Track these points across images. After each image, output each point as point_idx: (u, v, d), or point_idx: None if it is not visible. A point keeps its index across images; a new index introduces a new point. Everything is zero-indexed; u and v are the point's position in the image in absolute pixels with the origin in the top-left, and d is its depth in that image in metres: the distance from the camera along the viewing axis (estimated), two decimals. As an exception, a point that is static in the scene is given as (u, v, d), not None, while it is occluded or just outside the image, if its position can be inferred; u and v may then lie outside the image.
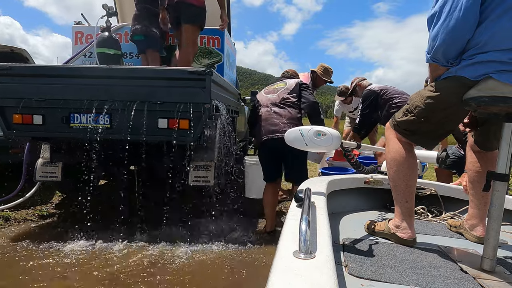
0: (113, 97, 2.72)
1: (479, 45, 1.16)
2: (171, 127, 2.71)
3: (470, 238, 1.57)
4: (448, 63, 1.27)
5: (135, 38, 3.68)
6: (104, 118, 2.76)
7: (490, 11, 1.14)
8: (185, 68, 2.79)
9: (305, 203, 1.01)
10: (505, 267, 1.23)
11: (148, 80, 2.76)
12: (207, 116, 2.70)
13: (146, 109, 2.68)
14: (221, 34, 3.91)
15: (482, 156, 1.55)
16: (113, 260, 2.51)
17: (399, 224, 1.46)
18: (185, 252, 2.69)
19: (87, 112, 2.74)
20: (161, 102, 2.70)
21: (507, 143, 1.16)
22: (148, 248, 2.73)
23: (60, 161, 3.12)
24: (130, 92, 2.74)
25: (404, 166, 1.44)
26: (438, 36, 1.23)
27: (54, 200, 4.05)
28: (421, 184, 2.15)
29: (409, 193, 1.45)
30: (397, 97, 3.61)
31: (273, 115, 2.95)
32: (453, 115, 1.34)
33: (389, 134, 1.55)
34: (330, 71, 4.23)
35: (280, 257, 0.74)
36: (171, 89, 2.73)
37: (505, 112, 1.16)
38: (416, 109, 1.38)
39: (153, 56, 3.60)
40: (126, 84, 2.77)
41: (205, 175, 3.03)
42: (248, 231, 3.23)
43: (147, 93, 2.72)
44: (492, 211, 1.17)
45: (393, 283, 1.07)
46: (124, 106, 2.69)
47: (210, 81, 2.68)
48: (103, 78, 2.77)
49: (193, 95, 2.69)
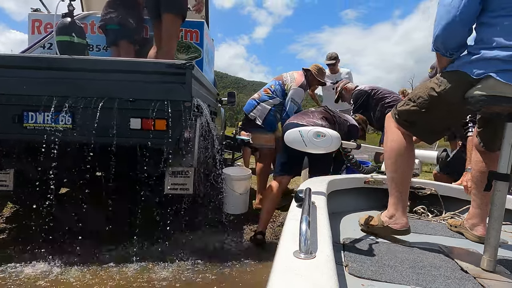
0: (76, 92, 2.34)
1: (485, 40, 1.15)
2: (146, 128, 2.37)
3: (471, 238, 1.58)
4: (448, 53, 1.28)
5: (108, 27, 3.26)
6: (65, 117, 2.36)
7: (497, 7, 1.14)
8: (162, 61, 2.45)
9: (305, 203, 1.00)
10: (506, 267, 1.24)
11: (118, 74, 2.40)
12: (187, 115, 2.39)
13: (116, 107, 2.33)
14: (200, 27, 3.59)
15: (486, 156, 1.53)
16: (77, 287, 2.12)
17: (392, 214, 1.47)
18: (166, 270, 2.34)
19: (44, 110, 2.33)
20: (134, 100, 2.35)
21: (509, 143, 1.16)
22: (120, 269, 2.35)
23: (12, 167, 2.65)
24: (96, 87, 2.37)
25: (402, 157, 1.44)
26: (438, 25, 1.24)
27: (4, 213, 3.48)
28: (421, 184, 2.17)
29: (404, 186, 1.46)
30: (389, 96, 3.52)
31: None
32: (455, 112, 1.34)
33: (389, 124, 1.53)
34: (324, 72, 4.02)
35: (281, 257, 0.75)
36: (145, 85, 2.39)
37: (508, 112, 1.16)
38: (419, 99, 1.37)
39: (126, 48, 3.20)
40: (92, 77, 2.38)
41: (183, 182, 2.70)
42: (236, 239, 2.95)
43: (117, 88, 2.37)
44: (493, 210, 1.18)
45: (393, 283, 1.08)
46: (89, 103, 2.31)
47: (191, 76, 2.37)
48: (64, 70, 2.37)
49: (171, 91, 2.37)
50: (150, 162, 2.56)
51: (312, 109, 3.00)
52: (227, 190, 3.35)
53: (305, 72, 3.89)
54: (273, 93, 3.76)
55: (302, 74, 3.83)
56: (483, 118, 1.51)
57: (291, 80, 3.74)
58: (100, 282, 2.18)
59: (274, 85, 3.79)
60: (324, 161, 2.69)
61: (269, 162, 3.94)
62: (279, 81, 3.80)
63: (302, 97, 3.75)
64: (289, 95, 3.65)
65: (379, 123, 3.70)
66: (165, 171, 2.63)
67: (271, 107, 3.70)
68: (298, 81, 3.71)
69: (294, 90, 3.66)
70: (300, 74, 3.81)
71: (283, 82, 3.77)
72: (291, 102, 3.63)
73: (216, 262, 2.49)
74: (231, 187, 3.29)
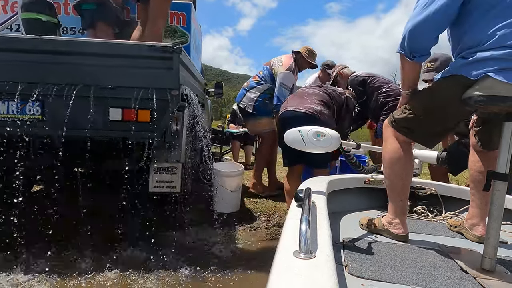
0: (46, 78, 2.04)
1: (478, 44, 1.17)
2: (127, 120, 2.11)
3: (471, 238, 1.58)
4: (411, 55, 1.32)
5: (84, 7, 2.93)
6: (34, 107, 2.07)
7: (484, 12, 1.16)
8: (146, 43, 2.16)
9: (305, 203, 1.00)
10: (505, 267, 1.25)
11: (96, 58, 2.10)
12: (174, 105, 2.13)
13: (93, 96, 2.05)
14: (187, 10, 3.28)
15: (484, 155, 1.55)
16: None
17: (392, 221, 1.50)
18: (149, 278, 2.09)
19: (8, 99, 2.02)
20: (113, 87, 2.08)
21: (507, 142, 1.16)
22: (98, 278, 2.07)
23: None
24: (70, 73, 2.07)
25: (401, 166, 1.46)
26: (408, 24, 1.27)
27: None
28: (421, 184, 2.17)
29: (404, 192, 1.48)
30: (385, 86, 3.38)
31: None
32: (452, 114, 1.34)
33: (387, 133, 1.54)
34: (314, 54, 3.83)
35: (280, 257, 0.75)
36: (127, 70, 2.11)
37: (506, 112, 1.16)
38: (415, 107, 1.40)
39: (105, 31, 2.86)
40: (64, 61, 2.08)
41: (170, 179, 2.43)
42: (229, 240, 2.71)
43: (94, 74, 2.08)
44: (492, 210, 1.18)
45: (393, 283, 1.08)
46: (61, 91, 2.02)
47: (178, 60, 2.11)
48: (32, 52, 2.06)
49: (156, 78, 2.11)
50: (132, 158, 2.30)
51: (308, 90, 2.80)
52: (217, 187, 3.12)
53: (295, 54, 3.75)
54: (261, 79, 3.67)
55: (290, 57, 3.70)
56: (481, 118, 1.52)
57: (278, 64, 3.61)
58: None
59: (263, 71, 3.70)
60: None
61: (271, 145, 3.82)
62: (267, 66, 3.69)
63: (292, 80, 3.59)
64: (278, 80, 3.52)
65: (374, 113, 3.57)
66: (149, 168, 2.37)
67: (259, 94, 3.62)
68: (285, 64, 3.57)
69: (282, 74, 3.51)
70: (288, 57, 3.68)
71: (271, 66, 3.66)
72: (281, 86, 3.49)
73: (208, 266, 2.26)
74: (222, 184, 3.06)
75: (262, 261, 2.33)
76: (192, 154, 3.05)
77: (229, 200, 3.11)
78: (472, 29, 1.19)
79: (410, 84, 1.46)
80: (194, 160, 3.13)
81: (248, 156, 6.22)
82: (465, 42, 1.22)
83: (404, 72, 1.44)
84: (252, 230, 2.92)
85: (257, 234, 2.87)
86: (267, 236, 2.80)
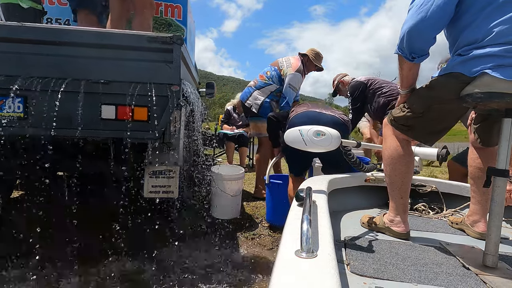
0: (28, 71, 1.81)
1: (475, 41, 1.17)
2: (122, 118, 1.89)
3: (472, 234, 1.59)
4: (410, 56, 1.32)
5: None
6: (15, 104, 1.82)
7: (479, 9, 1.16)
8: (144, 33, 1.95)
9: (306, 202, 0.99)
10: (507, 263, 1.25)
11: (86, 49, 1.88)
12: (174, 102, 1.93)
13: (83, 91, 1.82)
14: (183, 2, 3.07)
15: (483, 152, 1.57)
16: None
17: (393, 219, 1.51)
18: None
19: (-16, 94, 1.78)
20: (106, 82, 1.87)
21: (507, 139, 1.16)
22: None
23: None
24: (56, 65, 1.85)
25: (401, 164, 1.46)
26: (406, 26, 1.27)
27: None
28: (422, 181, 2.18)
29: (405, 190, 1.49)
30: (386, 86, 3.39)
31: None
32: (450, 111, 1.35)
33: (386, 131, 1.54)
34: (321, 56, 3.77)
35: (282, 256, 0.74)
36: (121, 63, 1.91)
37: (505, 108, 1.17)
38: (414, 105, 1.40)
39: (88, 20, 2.58)
40: (50, 52, 1.85)
41: (166, 183, 2.23)
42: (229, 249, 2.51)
43: (84, 67, 1.87)
44: (493, 207, 1.18)
45: (395, 281, 1.08)
46: (47, 85, 1.79)
47: (179, 52, 1.91)
48: (12, 42, 1.82)
49: (154, 72, 1.92)
50: (127, 161, 2.08)
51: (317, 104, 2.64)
52: (216, 192, 2.92)
53: (302, 56, 3.70)
54: (269, 79, 3.58)
55: (298, 58, 3.65)
56: (480, 114, 1.52)
57: (287, 65, 3.55)
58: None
59: (270, 71, 3.60)
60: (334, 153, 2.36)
61: (269, 151, 3.69)
62: (275, 67, 3.61)
63: (300, 81, 3.59)
64: (286, 81, 3.47)
65: (377, 114, 3.54)
66: (144, 171, 2.15)
67: (266, 95, 3.54)
68: (294, 66, 3.52)
69: (291, 75, 3.47)
70: (296, 59, 3.62)
71: (279, 67, 3.58)
72: (290, 88, 3.46)
73: (209, 280, 2.06)
74: (222, 188, 2.86)
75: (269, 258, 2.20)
76: (188, 156, 2.84)
77: (230, 206, 2.91)
78: (469, 26, 1.20)
79: (409, 84, 1.47)
80: (189, 162, 2.92)
81: (243, 159, 5.99)
82: (462, 39, 1.22)
83: (402, 72, 1.44)
84: (255, 238, 2.72)
85: (261, 242, 2.68)
86: (272, 244, 2.61)
